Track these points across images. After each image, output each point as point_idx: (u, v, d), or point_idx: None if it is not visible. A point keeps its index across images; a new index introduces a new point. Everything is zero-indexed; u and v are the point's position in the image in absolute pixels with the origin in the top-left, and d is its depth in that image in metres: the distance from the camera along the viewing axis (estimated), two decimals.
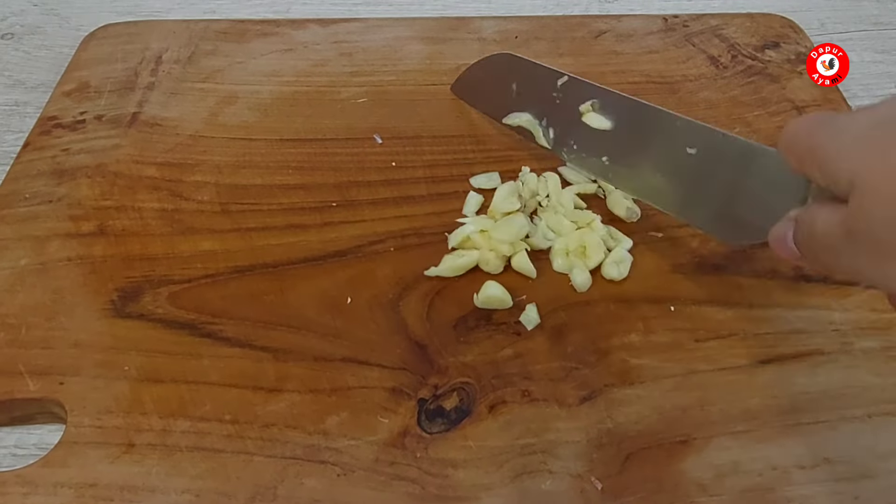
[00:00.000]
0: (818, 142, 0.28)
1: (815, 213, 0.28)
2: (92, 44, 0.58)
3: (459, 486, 0.34)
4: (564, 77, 0.45)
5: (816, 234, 0.28)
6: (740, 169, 0.37)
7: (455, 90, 0.53)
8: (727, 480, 0.34)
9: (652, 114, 0.42)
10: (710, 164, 0.38)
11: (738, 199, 0.37)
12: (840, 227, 0.26)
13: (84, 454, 0.35)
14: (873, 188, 0.25)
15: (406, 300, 0.41)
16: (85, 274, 0.42)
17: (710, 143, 0.38)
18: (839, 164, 0.26)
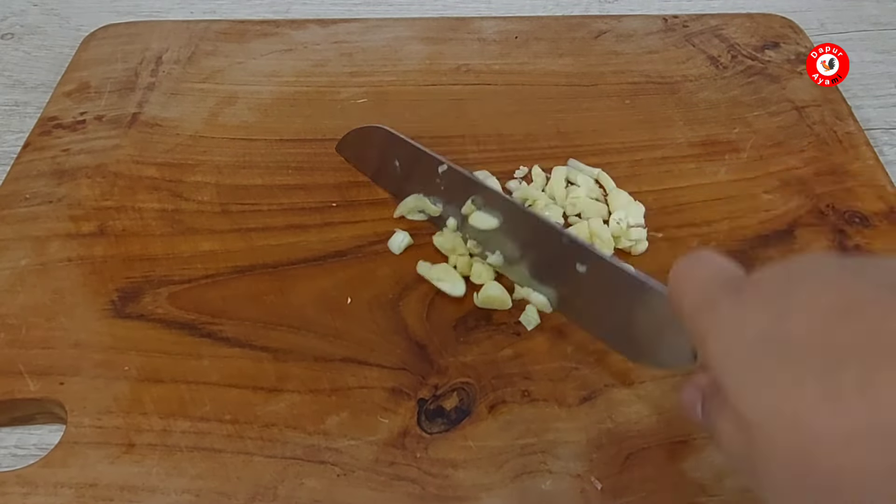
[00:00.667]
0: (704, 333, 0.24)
1: (716, 411, 0.25)
2: (92, 44, 0.58)
3: (459, 486, 0.34)
4: (444, 165, 0.43)
5: (720, 438, 0.24)
6: (630, 299, 0.35)
7: (339, 150, 0.49)
8: (727, 480, 0.34)
9: (535, 222, 0.39)
10: (599, 286, 0.37)
11: (631, 324, 0.35)
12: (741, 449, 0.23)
13: (84, 454, 0.35)
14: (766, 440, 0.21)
15: (406, 300, 0.41)
16: (85, 274, 0.42)
17: (597, 267, 0.37)
18: (733, 388, 0.22)
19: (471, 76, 0.55)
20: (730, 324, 0.23)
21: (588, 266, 0.37)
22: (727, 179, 0.48)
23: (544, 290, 0.40)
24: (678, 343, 0.32)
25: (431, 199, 0.44)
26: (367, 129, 0.48)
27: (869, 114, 0.55)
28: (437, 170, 0.43)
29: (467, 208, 0.42)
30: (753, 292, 0.24)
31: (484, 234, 0.41)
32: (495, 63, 0.57)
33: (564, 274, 0.38)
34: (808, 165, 0.49)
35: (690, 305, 0.26)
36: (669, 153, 0.50)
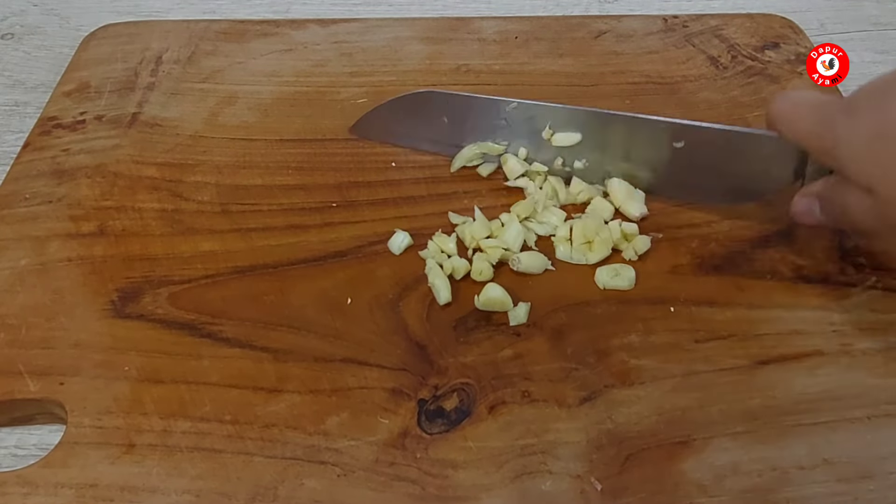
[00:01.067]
0: (830, 146, 0.34)
1: (844, 196, 0.35)
2: (92, 44, 0.58)
3: (459, 486, 0.34)
4: (514, 102, 0.46)
5: (852, 214, 0.34)
6: (730, 153, 0.41)
7: (356, 131, 0.51)
8: (727, 481, 0.34)
9: (622, 119, 0.44)
10: (699, 154, 0.42)
11: (733, 174, 0.42)
12: (871, 216, 0.33)
13: (84, 455, 0.35)
14: (888, 202, 0.32)
15: (406, 301, 0.41)
16: (85, 274, 0.42)
17: (695, 137, 0.42)
18: (858, 175, 0.33)
19: (471, 76, 0.55)
20: (850, 131, 0.33)
21: (685, 139, 0.42)
22: None
23: (641, 174, 0.45)
24: (779, 172, 0.40)
25: (495, 140, 0.48)
26: (410, 97, 0.49)
27: None
28: (506, 108, 0.47)
29: (546, 133, 0.45)
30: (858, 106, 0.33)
31: (567, 150, 0.45)
32: (495, 63, 0.57)
33: (661, 154, 0.44)
34: None
35: (810, 131, 0.36)
36: None
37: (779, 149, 0.39)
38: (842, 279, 0.42)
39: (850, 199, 0.34)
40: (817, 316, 0.41)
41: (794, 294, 0.42)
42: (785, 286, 0.42)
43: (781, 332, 0.40)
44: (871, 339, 0.39)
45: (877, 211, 0.33)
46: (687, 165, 0.43)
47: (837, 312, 0.41)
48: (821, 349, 0.39)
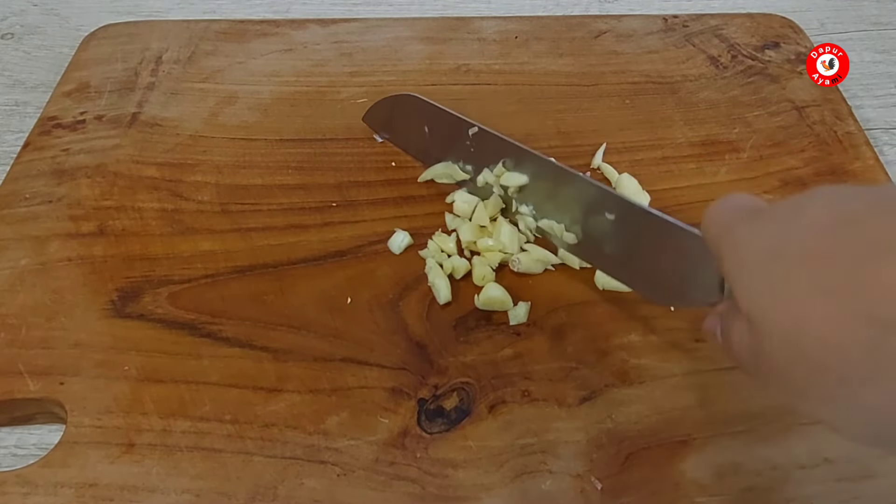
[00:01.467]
0: (723, 253, 0.28)
1: (730, 323, 0.28)
2: (92, 44, 0.58)
3: (459, 486, 0.34)
4: (475, 128, 0.45)
5: (731, 344, 0.28)
6: (660, 243, 0.36)
7: (366, 120, 0.51)
8: (727, 480, 0.34)
9: (565, 176, 0.41)
10: (628, 233, 0.38)
11: (660, 267, 0.37)
12: (749, 350, 0.26)
13: (84, 454, 0.35)
14: (770, 337, 0.24)
15: (406, 300, 0.41)
16: (85, 274, 0.42)
17: (627, 213, 0.38)
18: (739, 291, 0.26)
19: (471, 76, 0.55)
20: (743, 242, 0.27)
21: (616, 213, 0.38)
22: (727, 179, 0.48)
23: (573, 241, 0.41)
24: (706, 281, 0.34)
25: (460, 165, 0.46)
26: (398, 98, 0.49)
27: (869, 114, 0.55)
28: (468, 132, 0.45)
29: (498, 170, 0.43)
30: (767, 216, 0.27)
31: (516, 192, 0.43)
32: (495, 63, 0.57)
33: (594, 223, 0.40)
34: (808, 165, 0.49)
35: (715, 230, 0.30)
36: (669, 153, 0.50)
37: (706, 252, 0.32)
38: None
39: (734, 328, 0.28)
40: None
41: None
42: None
43: None
44: None
45: (753, 347, 0.26)
46: (618, 242, 0.39)
47: None
48: None
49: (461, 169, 0.46)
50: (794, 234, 0.25)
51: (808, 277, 0.23)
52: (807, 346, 0.23)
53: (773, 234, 0.26)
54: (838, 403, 0.23)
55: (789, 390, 0.25)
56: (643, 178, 0.47)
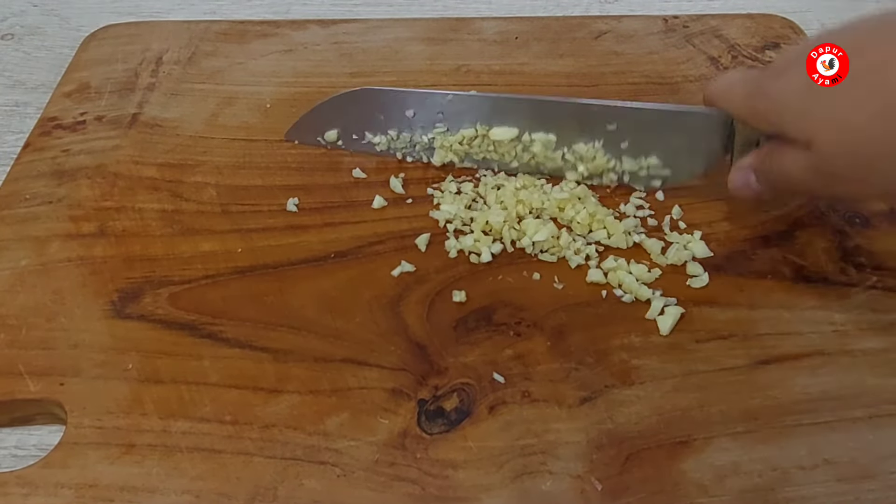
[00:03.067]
0: (764, 109, 0.37)
1: (780, 158, 0.37)
2: (92, 44, 0.58)
3: (459, 486, 0.34)
4: (449, 95, 0.46)
5: (789, 173, 0.36)
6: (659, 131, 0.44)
7: (291, 136, 0.50)
8: (727, 481, 0.34)
9: (556, 107, 0.45)
10: (631, 132, 0.44)
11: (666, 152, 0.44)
12: (808, 169, 0.35)
13: (84, 455, 0.35)
14: (828, 149, 0.34)
15: (406, 301, 0.41)
16: (85, 275, 0.42)
17: (625, 116, 0.44)
18: (793, 129, 0.35)
19: (471, 76, 0.55)
20: (779, 91, 0.36)
21: (617, 121, 0.44)
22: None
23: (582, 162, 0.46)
24: (709, 145, 0.43)
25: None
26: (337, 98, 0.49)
27: None
28: (441, 102, 0.46)
29: (481, 129, 0.45)
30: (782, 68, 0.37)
31: (505, 145, 0.45)
32: (495, 63, 0.57)
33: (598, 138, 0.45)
34: None
35: (740, 96, 0.39)
36: None
37: (706, 123, 0.42)
38: (842, 279, 0.42)
39: (786, 161, 0.36)
40: (818, 316, 0.40)
41: (794, 294, 0.42)
42: (785, 286, 0.42)
43: (782, 331, 0.40)
44: (871, 338, 0.39)
45: (815, 164, 0.35)
46: (622, 147, 0.45)
47: (838, 312, 0.41)
48: (821, 349, 0.39)
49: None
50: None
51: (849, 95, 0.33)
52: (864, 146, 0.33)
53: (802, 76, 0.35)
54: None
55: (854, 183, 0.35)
56: None
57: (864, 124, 0.33)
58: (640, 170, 0.45)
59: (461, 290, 0.41)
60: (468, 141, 0.45)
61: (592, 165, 0.45)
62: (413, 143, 0.47)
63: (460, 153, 0.46)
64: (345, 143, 0.49)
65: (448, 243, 0.44)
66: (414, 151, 0.48)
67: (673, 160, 0.44)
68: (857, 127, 0.33)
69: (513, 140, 0.45)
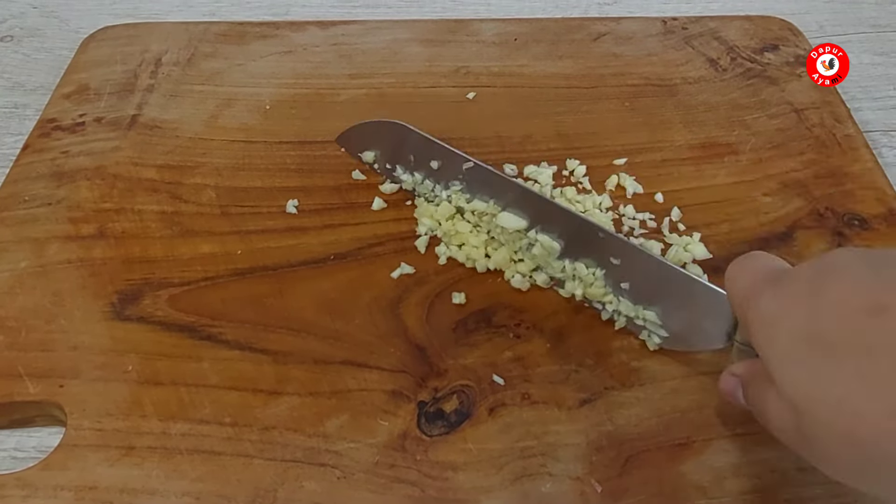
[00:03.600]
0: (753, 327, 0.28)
1: (764, 397, 0.29)
2: (91, 46, 0.58)
3: (459, 488, 0.34)
4: (470, 163, 0.44)
5: (770, 420, 0.28)
6: (665, 289, 0.38)
7: (341, 142, 0.50)
8: (727, 483, 0.34)
9: (569, 217, 0.41)
10: (633, 275, 0.39)
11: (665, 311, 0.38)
12: (793, 428, 0.27)
13: (84, 457, 0.35)
14: (818, 427, 0.25)
15: (406, 302, 0.41)
16: (84, 276, 0.42)
17: (632, 258, 0.39)
18: (779, 375, 0.27)
19: (470, 78, 0.55)
20: (771, 316, 0.27)
21: (622, 259, 0.39)
22: (726, 182, 0.48)
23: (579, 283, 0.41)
24: (711, 327, 0.36)
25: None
26: (381, 124, 0.48)
27: (868, 116, 0.55)
28: (462, 167, 0.44)
29: (493, 209, 0.43)
30: (791, 286, 0.28)
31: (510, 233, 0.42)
32: (494, 65, 0.57)
33: (599, 264, 0.40)
34: (807, 168, 0.49)
35: (739, 294, 0.31)
36: (669, 155, 0.50)
37: (713, 302, 0.35)
38: None
39: (769, 401, 0.28)
40: None
41: None
42: None
43: None
44: None
45: (801, 431, 0.26)
46: (622, 287, 0.40)
47: None
48: None
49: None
50: (825, 317, 0.25)
51: (852, 366, 0.24)
52: (858, 434, 0.24)
53: (802, 309, 0.26)
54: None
55: (842, 470, 0.26)
56: (642, 181, 0.47)
57: (873, 415, 0.23)
58: (637, 318, 0.39)
59: (461, 292, 0.41)
60: (479, 214, 0.44)
61: (590, 291, 0.40)
62: (435, 194, 0.46)
63: (472, 221, 0.44)
64: (379, 168, 0.48)
65: (438, 249, 0.44)
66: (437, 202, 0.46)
67: (672, 325, 0.38)
68: (863, 416, 0.24)
69: (518, 231, 0.42)
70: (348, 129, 0.50)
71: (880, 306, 0.24)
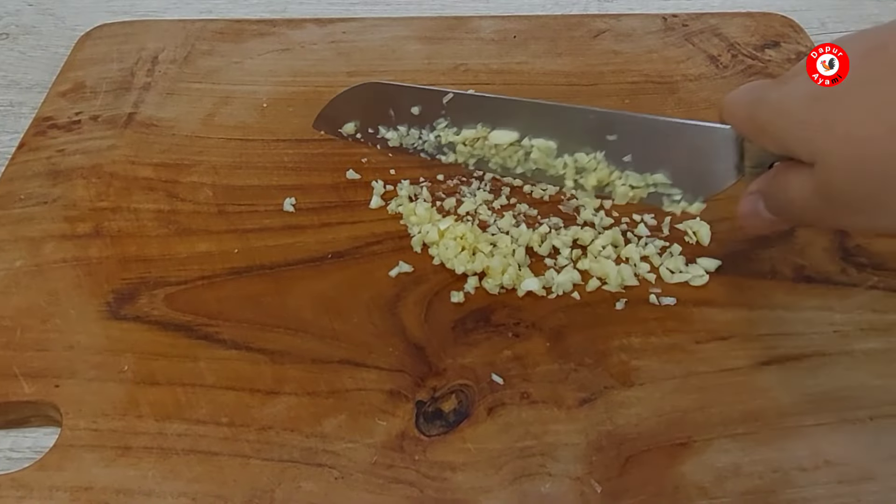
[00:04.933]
0: (764, 121, 0.32)
1: (785, 182, 0.32)
2: (87, 44, 0.58)
3: (458, 488, 0.34)
4: (449, 94, 0.45)
5: (793, 199, 0.31)
6: (665, 145, 0.39)
7: (318, 125, 0.51)
8: (727, 483, 0.34)
9: (556, 112, 0.42)
10: (634, 144, 0.40)
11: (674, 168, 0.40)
12: (814, 193, 0.30)
13: (79, 457, 0.35)
14: (833, 165, 0.28)
15: (404, 301, 0.41)
16: (80, 275, 0.42)
17: (626, 126, 0.40)
18: (795, 142, 0.30)
19: (469, 75, 0.55)
20: (780, 99, 0.31)
21: (618, 132, 0.40)
22: None
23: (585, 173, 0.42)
24: (720, 166, 0.37)
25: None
26: (354, 89, 0.49)
27: None
28: (443, 101, 0.45)
29: (482, 130, 0.43)
30: (792, 75, 0.31)
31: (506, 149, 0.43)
32: (494, 62, 0.56)
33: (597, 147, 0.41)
34: None
35: (743, 108, 0.33)
36: None
37: (713, 140, 0.37)
38: (843, 279, 0.42)
39: (792, 184, 0.31)
40: (818, 316, 0.40)
41: (794, 294, 0.41)
42: (786, 286, 0.42)
43: (782, 332, 0.40)
44: (872, 339, 0.39)
45: (821, 186, 0.29)
46: (624, 160, 0.41)
47: (839, 313, 0.40)
48: (822, 350, 0.39)
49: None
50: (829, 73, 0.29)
51: (858, 103, 0.27)
52: (871, 165, 0.27)
53: (807, 81, 0.29)
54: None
55: (866, 212, 0.28)
56: None
57: (877, 137, 0.27)
58: (647, 186, 0.40)
59: (459, 291, 0.41)
60: (471, 142, 0.44)
61: (596, 176, 0.42)
62: (423, 140, 0.46)
63: (465, 154, 0.45)
64: (363, 136, 0.49)
65: (431, 250, 0.43)
66: (425, 149, 0.47)
67: (682, 179, 0.39)
68: (869, 140, 0.27)
69: (513, 144, 0.43)
70: (323, 109, 0.50)
71: (881, 44, 0.28)
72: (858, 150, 0.27)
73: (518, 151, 0.43)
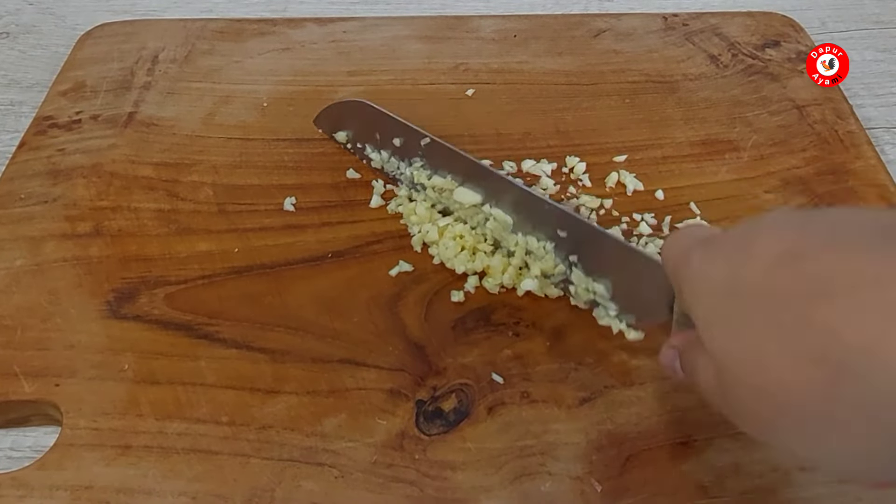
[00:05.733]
0: (681, 284, 0.29)
1: (694, 357, 0.29)
2: (88, 43, 0.58)
3: (458, 488, 0.34)
4: (427, 139, 0.44)
5: (699, 380, 0.28)
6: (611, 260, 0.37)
7: (318, 123, 0.51)
8: (728, 482, 0.34)
9: (517, 191, 0.41)
10: (579, 247, 0.39)
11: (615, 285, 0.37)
12: (715, 385, 0.26)
13: (80, 456, 0.35)
14: (733, 374, 0.24)
15: (404, 301, 0.41)
16: (81, 275, 0.42)
17: (578, 231, 0.39)
18: (699, 324, 0.26)
19: (469, 75, 0.55)
20: (699, 274, 0.27)
21: (567, 231, 0.39)
22: (728, 179, 0.47)
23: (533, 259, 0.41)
24: (654, 299, 0.34)
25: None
26: (349, 104, 0.49)
27: (870, 113, 0.55)
28: (420, 143, 0.44)
29: (449, 184, 0.43)
30: (720, 245, 0.27)
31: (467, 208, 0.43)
32: (494, 62, 0.56)
33: (549, 237, 0.40)
34: (809, 165, 0.48)
35: (672, 260, 0.30)
36: (669, 153, 0.49)
37: (653, 272, 0.34)
38: None
39: (698, 362, 0.28)
40: None
41: None
42: None
43: None
44: None
45: (719, 383, 0.26)
46: (570, 259, 0.39)
47: None
48: None
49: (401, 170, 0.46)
50: (746, 267, 0.24)
51: (761, 316, 0.23)
52: (767, 386, 0.23)
53: (725, 265, 0.25)
54: (804, 442, 0.23)
55: (758, 426, 0.25)
56: (643, 178, 0.47)
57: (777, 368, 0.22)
58: (587, 293, 0.38)
59: (459, 290, 0.41)
60: (438, 190, 0.44)
61: (540, 266, 0.40)
62: (401, 171, 0.46)
63: (433, 199, 0.44)
64: (352, 148, 0.49)
65: (431, 250, 0.43)
66: (402, 180, 0.46)
67: (620, 297, 0.37)
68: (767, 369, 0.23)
69: (475, 206, 0.42)
70: (323, 109, 0.50)
71: (795, 254, 0.23)
72: (758, 376, 0.23)
73: (479, 214, 0.42)
